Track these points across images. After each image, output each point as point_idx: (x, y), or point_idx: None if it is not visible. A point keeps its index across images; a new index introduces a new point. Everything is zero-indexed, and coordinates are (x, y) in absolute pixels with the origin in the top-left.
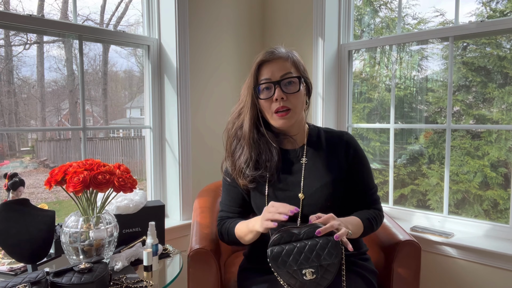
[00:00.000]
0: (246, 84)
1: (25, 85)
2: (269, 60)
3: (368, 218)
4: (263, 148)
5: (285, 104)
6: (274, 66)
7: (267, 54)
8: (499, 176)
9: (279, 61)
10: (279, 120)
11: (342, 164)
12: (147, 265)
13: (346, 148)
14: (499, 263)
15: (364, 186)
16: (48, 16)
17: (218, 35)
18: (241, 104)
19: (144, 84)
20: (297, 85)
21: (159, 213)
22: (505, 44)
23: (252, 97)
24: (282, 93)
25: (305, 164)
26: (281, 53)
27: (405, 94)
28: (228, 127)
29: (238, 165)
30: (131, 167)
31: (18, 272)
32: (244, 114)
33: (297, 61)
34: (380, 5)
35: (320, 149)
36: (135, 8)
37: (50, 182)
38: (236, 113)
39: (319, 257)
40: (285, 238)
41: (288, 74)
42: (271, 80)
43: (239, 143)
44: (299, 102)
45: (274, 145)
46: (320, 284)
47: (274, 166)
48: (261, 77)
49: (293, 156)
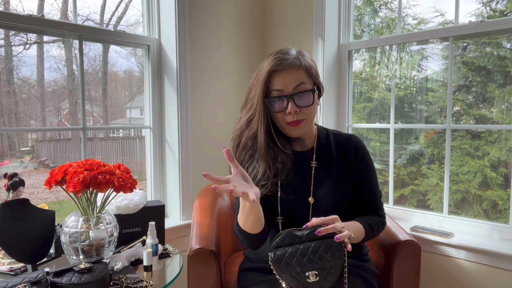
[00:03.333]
0: (255, 90)
1: (25, 85)
2: (280, 70)
3: (369, 224)
4: (278, 156)
5: (298, 118)
6: (286, 77)
7: (277, 61)
8: (499, 176)
9: (291, 70)
10: (293, 131)
11: (351, 167)
12: (147, 265)
13: (354, 152)
14: (499, 263)
15: (369, 190)
16: (48, 16)
17: (218, 35)
18: (251, 112)
19: (144, 84)
20: (311, 97)
21: (159, 213)
22: (505, 44)
23: (264, 107)
24: (296, 107)
25: (315, 168)
26: (293, 61)
27: (405, 94)
28: (236, 134)
29: (253, 176)
30: (131, 167)
31: (18, 272)
32: (255, 124)
33: (309, 66)
34: (380, 5)
35: (329, 152)
36: (135, 8)
37: (50, 182)
38: (244, 121)
39: (322, 259)
40: (287, 240)
41: (301, 86)
42: (284, 93)
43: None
44: (312, 112)
45: (288, 151)
46: (323, 286)
47: (288, 169)
48: (272, 86)
49: (303, 159)
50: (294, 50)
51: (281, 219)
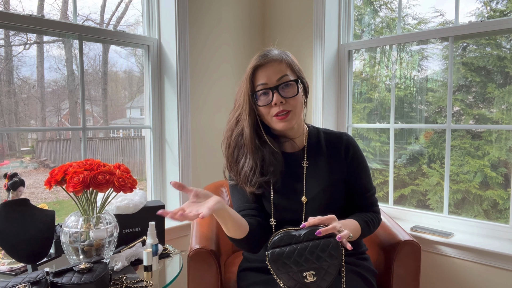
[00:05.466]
0: (241, 89)
1: (25, 85)
2: (263, 64)
3: (365, 221)
4: (266, 154)
5: (284, 108)
6: (269, 70)
7: (260, 58)
8: (499, 176)
9: (274, 64)
10: (280, 123)
11: (342, 165)
12: (147, 265)
13: (345, 149)
14: (499, 263)
15: (362, 187)
16: (48, 16)
17: (218, 35)
18: (238, 111)
19: (144, 84)
20: (295, 87)
21: None
22: (505, 44)
23: (250, 103)
24: (281, 97)
25: (307, 167)
26: (275, 56)
27: (405, 94)
28: (227, 135)
29: (243, 173)
30: (131, 167)
31: (18, 272)
32: (242, 121)
33: (292, 62)
34: (380, 5)
35: (320, 151)
36: (135, 8)
37: (50, 182)
38: (233, 120)
39: (320, 259)
40: (285, 240)
41: (284, 77)
42: (268, 86)
43: (241, 151)
44: (298, 103)
45: (276, 150)
46: (320, 286)
47: (278, 171)
48: (257, 82)
49: (294, 159)
50: (277, 50)
51: (274, 222)
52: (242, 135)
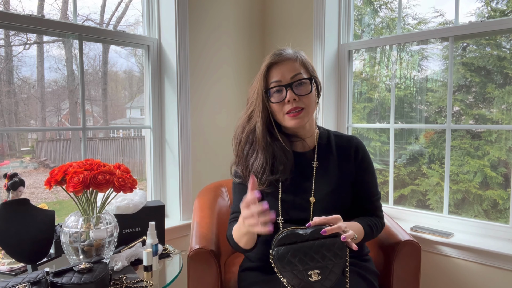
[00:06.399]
0: (254, 87)
1: (25, 85)
2: (278, 62)
3: (369, 225)
4: (277, 152)
5: (297, 105)
6: (283, 68)
7: (275, 56)
8: (499, 176)
9: (288, 62)
10: (292, 120)
11: (351, 167)
12: (147, 265)
13: (355, 152)
14: (499, 263)
15: (368, 191)
16: (48, 16)
17: (218, 35)
18: (251, 108)
19: (144, 84)
20: (309, 86)
21: (159, 213)
22: (504, 44)
23: (263, 100)
24: (294, 94)
25: (316, 168)
26: (289, 54)
27: (405, 94)
28: (238, 132)
29: (254, 170)
30: (131, 167)
31: (18, 272)
32: (255, 118)
33: (306, 61)
34: (380, 5)
35: (330, 153)
36: (135, 8)
37: (50, 182)
38: (246, 117)
39: (325, 258)
40: (290, 238)
41: (298, 75)
42: (282, 83)
43: (252, 148)
44: (311, 102)
45: (287, 148)
46: (324, 285)
47: (288, 169)
48: (271, 79)
49: (305, 159)
50: (291, 49)
51: (281, 220)
52: (253, 131)
